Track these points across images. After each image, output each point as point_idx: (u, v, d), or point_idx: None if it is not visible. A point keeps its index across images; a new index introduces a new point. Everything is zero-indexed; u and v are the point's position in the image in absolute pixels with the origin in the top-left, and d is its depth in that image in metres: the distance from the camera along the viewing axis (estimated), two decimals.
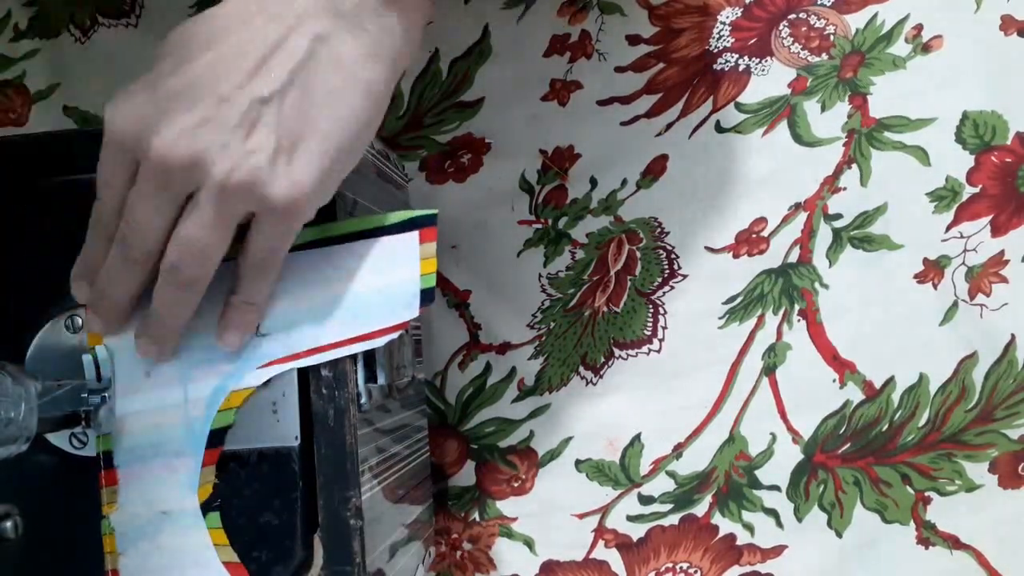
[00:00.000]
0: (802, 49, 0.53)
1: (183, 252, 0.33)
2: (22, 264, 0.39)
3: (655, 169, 0.54)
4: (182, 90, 0.32)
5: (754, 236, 0.54)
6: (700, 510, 0.54)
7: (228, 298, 0.36)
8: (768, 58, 0.53)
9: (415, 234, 0.37)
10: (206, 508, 0.37)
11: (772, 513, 0.54)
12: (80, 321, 0.38)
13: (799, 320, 0.53)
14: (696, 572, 0.55)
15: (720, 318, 0.54)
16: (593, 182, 0.55)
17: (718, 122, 0.54)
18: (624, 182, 0.54)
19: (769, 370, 0.54)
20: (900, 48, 0.52)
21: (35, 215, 0.39)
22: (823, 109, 0.53)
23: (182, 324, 0.36)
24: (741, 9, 0.53)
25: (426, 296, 0.37)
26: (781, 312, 0.53)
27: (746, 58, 0.53)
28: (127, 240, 0.34)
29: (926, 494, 0.53)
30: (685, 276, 0.54)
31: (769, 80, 0.53)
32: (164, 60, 0.33)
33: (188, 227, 0.33)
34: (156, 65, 0.33)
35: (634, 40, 0.54)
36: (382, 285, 0.37)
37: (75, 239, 0.37)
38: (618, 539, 0.55)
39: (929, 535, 0.53)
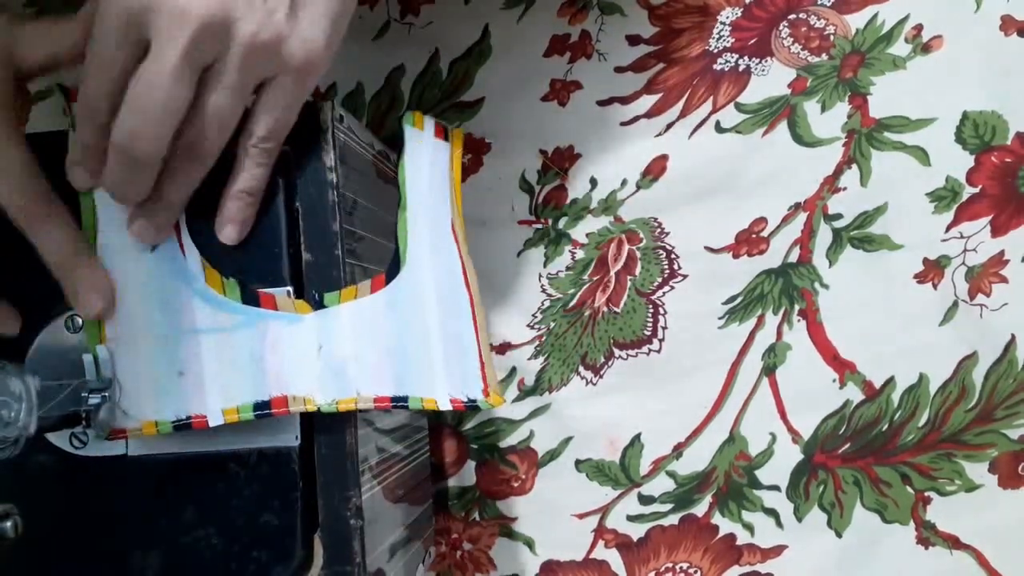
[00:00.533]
0: (802, 49, 0.53)
1: (205, 123, 0.33)
2: (22, 264, 0.39)
3: (655, 169, 0.54)
4: None
5: (754, 236, 0.54)
6: (700, 510, 0.54)
7: (226, 191, 0.36)
8: (768, 58, 0.53)
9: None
10: None
11: (772, 513, 0.54)
12: (80, 321, 0.38)
13: (799, 320, 0.53)
14: (696, 572, 0.55)
15: (720, 318, 0.54)
16: (593, 182, 0.55)
17: (718, 122, 0.54)
18: (624, 182, 0.54)
19: (769, 370, 0.54)
20: (900, 48, 0.52)
21: None
22: (823, 109, 0.53)
23: (185, 202, 0.36)
24: (741, 9, 0.53)
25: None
26: (781, 312, 0.53)
27: (746, 58, 0.53)
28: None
29: (926, 494, 0.53)
30: (685, 276, 0.54)
31: (769, 80, 0.53)
32: None
33: (210, 97, 0.32)
34: None
35: (634, 40, 0.54)
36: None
37: None
38: (618, 539, 0.55)
39: (929, 535, 0.53)
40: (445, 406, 0.37)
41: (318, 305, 0.37)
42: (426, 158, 0.40)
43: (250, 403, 0.37)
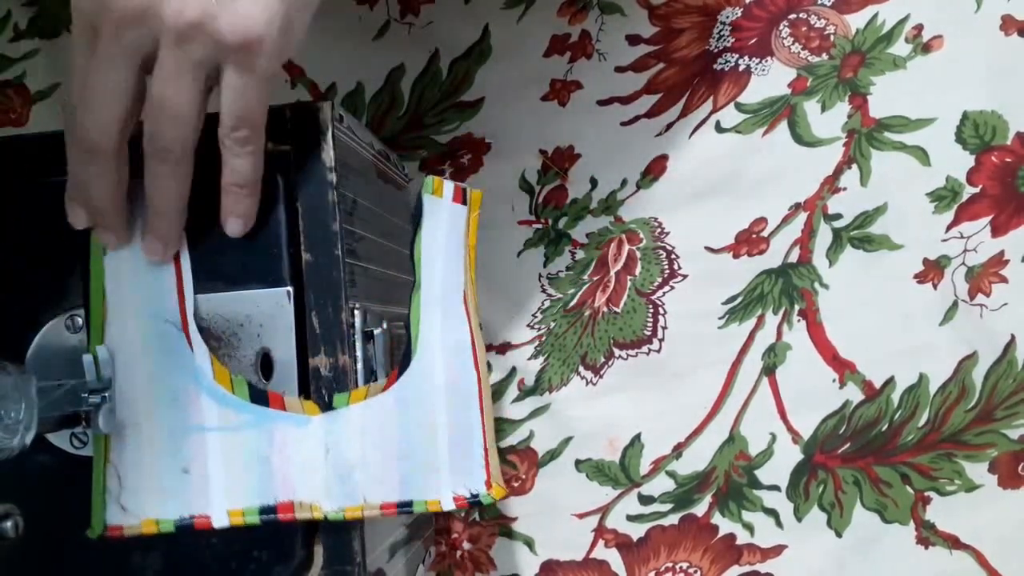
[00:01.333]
0: (802, 49, 0.53)
1: (158, 115, 0.32)
2: (22, 264, 0.39)
3: (655, 169, 0.54)
4: None
5: (754, 236, 0.54)
6: (700, 510, 0.54)
7: (221, 184, 0.35)
8: (768, 58, 0.53)
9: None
10: None
11: (772, 513, 0.54)
12: (80, 321, 0.38)
13: (799, 320, 0.53)
14: (696, 572, 0.55)
15: (720, 318, 0.54)
16: (593, 182, 0.55)
17: (718, 122, 0.54)
18: (624, 182, 0.54)
19: (769, 370, 0.54)
20: (900, 48, 0.52)
21: (35, 215, 0.39)
22: (823, 109, 0.53)
23: (179, 209, 0.35)
24: (741, 9, 0.53)
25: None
26: (781, 312, 0.53)
27: (746, 58, 0.53)
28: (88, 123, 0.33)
29: (926, 494, 0.53)
30: (685, 276, 0.54)
31: (769, 80, 0.53)
32: None
33: (155, 86, 0.32)
34: None
35: (634, 40, 0.54)
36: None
37: (75, 239, 0.37)
38: (618, 539, 0.55)
39: (929, 535, 0.53)
40: (449, 506, 0.37)
41: (327, 407, 0.37)
42: (443, 228, 0.39)
43: (256, 507, 0.36)
